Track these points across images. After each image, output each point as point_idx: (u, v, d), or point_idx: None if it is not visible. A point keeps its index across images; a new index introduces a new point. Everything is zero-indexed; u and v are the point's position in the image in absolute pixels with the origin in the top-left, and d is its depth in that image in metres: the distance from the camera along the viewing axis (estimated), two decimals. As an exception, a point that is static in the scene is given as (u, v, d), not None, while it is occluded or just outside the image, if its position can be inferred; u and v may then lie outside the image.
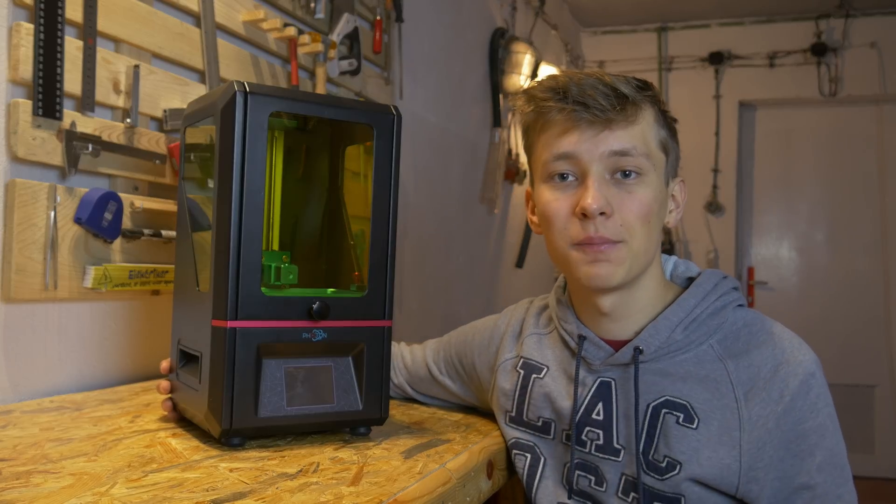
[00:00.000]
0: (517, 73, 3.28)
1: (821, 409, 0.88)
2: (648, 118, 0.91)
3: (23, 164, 1.15)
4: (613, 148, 0.89)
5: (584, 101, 0.88)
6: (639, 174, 0.89)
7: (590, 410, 0.96)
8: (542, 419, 1.01)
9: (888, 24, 4.07)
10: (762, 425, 0.87)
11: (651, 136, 0.91)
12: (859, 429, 4.16)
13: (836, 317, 4.18)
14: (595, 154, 0.89)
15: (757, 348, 0.91)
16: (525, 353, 1.06)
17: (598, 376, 0.97)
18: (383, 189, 0.97)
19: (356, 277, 1.05)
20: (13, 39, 1.13)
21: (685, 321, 0.93)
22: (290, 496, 0.73)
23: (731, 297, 0.95)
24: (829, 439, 0.88)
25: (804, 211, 4.34)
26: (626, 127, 0.89)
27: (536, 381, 1.03)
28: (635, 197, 0.89)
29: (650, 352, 0.93)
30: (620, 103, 0.88)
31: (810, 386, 0.88)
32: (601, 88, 0.88)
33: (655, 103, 0.93)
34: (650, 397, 0.92)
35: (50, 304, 1.22)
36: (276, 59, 1.75)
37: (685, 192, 1.00)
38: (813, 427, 0.87)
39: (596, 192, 0.88)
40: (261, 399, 0.89)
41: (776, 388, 0.88)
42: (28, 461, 0.81)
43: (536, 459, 1.00)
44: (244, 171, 0.87)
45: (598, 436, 0.95)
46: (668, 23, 4.42)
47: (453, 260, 2.92)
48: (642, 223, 0.89)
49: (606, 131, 0.89)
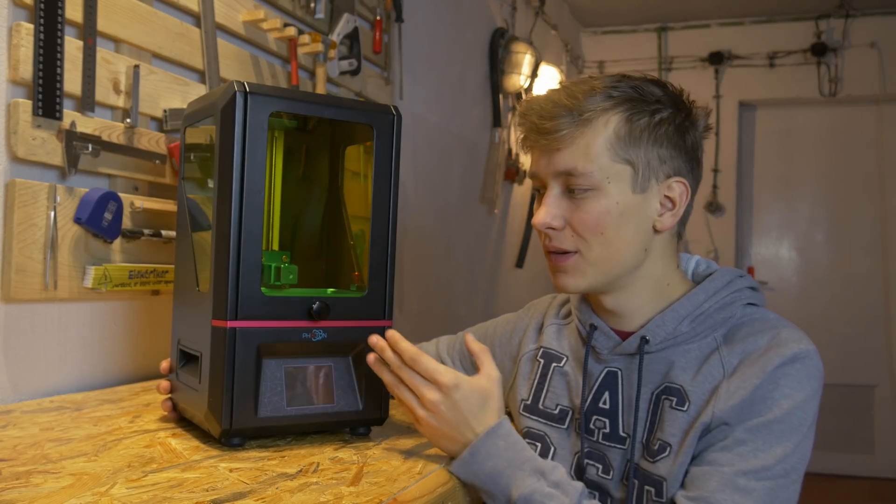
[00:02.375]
0: (517, 73, 3.27)
1: (800, 390, 0.86)
2: (604, 132, 0.92)
3: (23, 164, 1.15)
4: (559, 168, 0.94)
5: (536, 125, 0.94)
6: (590, 189, 0.93)
7: (597, 399, 0.99)
8: (560, 407, 1.04)
9: (888, 24, 4.07)
10: (737, 395, 0.87)
11: (602, 151, 0.92)
12: (859, 429, 4.16)
13: (837, 317, 4.18)
14: (549, 172, 0.95)
15: (754, 336, 0.92)
16: (545, 343, 1.09)
17: (605, 366, 1.00)
18: (383, 189, 0.97)
19: (356, 277, 1.05)
20: (13, 39, 1.12)
21: (693, 314, 0.95)
22: (290, 496, 0.73)
23: (743, 295, 0.97)
24: (794, 419, 0.85)
25: (804, 211, 4.34)
26: (571, 146, 0.93)
27: (556, 370, 1.06)
28: (584, 211, 0.93)
29: (656, 342, 0.95)
30: (565, 125, 0.92)
31: (796, 368, 0.87)
32: (550, 111, 0.93)
33: (625, 110, 0.93)
34: (653, 385, 0.95)
35: (50, 304, 1.22)
36: (276, 59, 1.75)
37: (687, 192, 0.97)
38: (781, 398, 0.86)
39: (546, 209, 0.95)
40: (261, 399, 0.89)
41: (759, 364, 0.89)
42: (28, 461, 0.81)
43: (546, 449, 1.02)
44: (244, 171, 0.87)
45: (605, 424, 0.98)
46: (668, 23, 4.42)
47: (453, 260, 2.92)
48: (593, 234, 0.94)
49: (556, 152, 0.94)
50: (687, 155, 0.97)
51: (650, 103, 0.94)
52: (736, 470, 0.84)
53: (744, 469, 0.84)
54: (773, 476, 0.84)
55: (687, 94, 0.99)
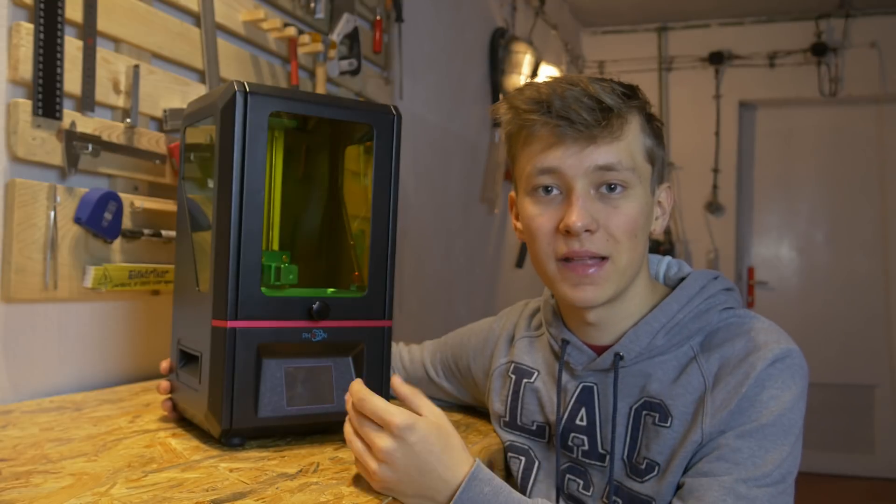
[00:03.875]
0: (517, 73, 3.28)
1: (786, 390, 0.85)
2: (634, 129, 0.89)
3: (23, 163, 1.15)
4: (598, 163, 0.86)
5: (567, 115, 0.85)
6: (625, 188, 0.88)
7: (573, 416, 0.96)
8: (536, 423, 1.01)
9: (888, 24, 4.07)
10: (724, 407, 0.85)
11: (637, 148, 0.89)
12: (859, 429, 4.16)
13: (837, 317, 4.18)
14: (580, 169, 0.87)
15: (730, 341, 0.89)
16: (516, 358, 1.06)
17: (580, 381, 0.96)
18: (383, 189, 0.97)
19: (356, 277, 1.05)
20: (13, 39, 1.12)
21: (667, 326, 0.91)
22: (290, 496, 0.73)
23: (718, 300, 0.93)
24: (785, 420, 0.84)
25: (804, 211, 4.34)
26: (612, 141, 0.86)
27: (528, 386, 1.03)
28: (621, 212, 0.87)
29: (631, 357, 0.92)
30: (605, 117, 0.85)
31: (779, 368, 0.85)
32: (585, 102, 0.85)
33: (642, 111, 0.91)
34: (630, 400, 0.92)
35: (50, 304, 1.22)
36: (276, 59, 1.75)
37: (672, 197, 0.97)
38: (769, 401, 0.84)
39: (580, 209, 0.86)
40: (261, 399, 0.89)
41: (742, 371, 0.86)
42: (28, 461, 0.81)
43: (531, 462, 1.00)
44: (244, 171, 0.87)
45: (583, 441, 0.95)
46: (669, 23, 4.42)
47: (453, 260, 2.92)
48: (628, 237, 0.88)
49: (591, 146, 0.86)
50: (665, 165, 0.97)
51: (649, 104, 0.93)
52: (735, 478, 0.81)
53: (743, 477, 0.81)
54: (773, 482, 0.82)
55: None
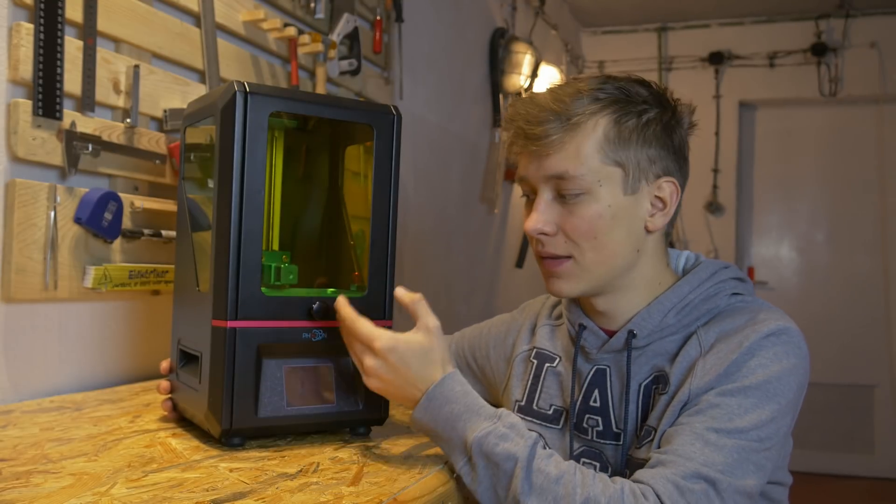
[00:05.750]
0: (517, 73, 3.27)
1: (777, 361, 0.86)
2: (593, 135, 0.92)
3: (23, 164, 1.15)
4: (549, 173, 0.93)
5: (524, 129, 0.93)
6: (582, 193, 0.92)
7: (587, 398, 1.00)
8: (554, 407, 1.04)
9: (888, 24, 4.07)
10: (713, 371, 0.88)
11: (593, 153, 0.92)
12: (859, 429, 4.16)
13: (837, 317, 4.18)
14: (539, 177, 0.95)
15: (731, 317, 0.93)
16: (538, 344, 1.10)
17: (594, 364, 1.01)
18: (383, 189, 0.97)
19: (356, 277, 1.05)
20: (13, 39, 1.12)
21: (678, 305, 0.96)
22: (290, 496, 0.73)
23: (727, 286, 0.97)
24: (770, 387, 0.85)
25: (804, 211, 4.34)
26: (561, 150, 0.92)
27: (550, 370, 1.06)
28: (577, 215, 0.93)
29: (643, 335, 0.96)
30: (554, 130, 0.91)
31: (772, 341, 0.87)
32: (537, 115, 0.92)
33: (614, 112, 0.93)
34: (641, 377, 0.96)
35: (50, 304, 1.22)
36: (276, 59, 1.75)
37: (677, 191, 0.97)
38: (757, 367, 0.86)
39: (538, 214, 0.94)
40: (261, 399, 0.89)
41: (736, 340, 0.89)
42: (28, 461, 0.81)
43: None
44: (244, 171, 0.87)
45: (597, 422, 0.98)
46: (668, 23, 4.42)
47: (453, 260, 2.92)
48: (586, 239, 0.93)
49: (545, 157, 0.93)
50: (675, 154, 0.97)
51: (637, 104, 0.94)
52: (707, 427, 0.83)
53: (715, 427, 0.82)
54: (747, 439, 0.82)
55: (670, 92, 0.99)
